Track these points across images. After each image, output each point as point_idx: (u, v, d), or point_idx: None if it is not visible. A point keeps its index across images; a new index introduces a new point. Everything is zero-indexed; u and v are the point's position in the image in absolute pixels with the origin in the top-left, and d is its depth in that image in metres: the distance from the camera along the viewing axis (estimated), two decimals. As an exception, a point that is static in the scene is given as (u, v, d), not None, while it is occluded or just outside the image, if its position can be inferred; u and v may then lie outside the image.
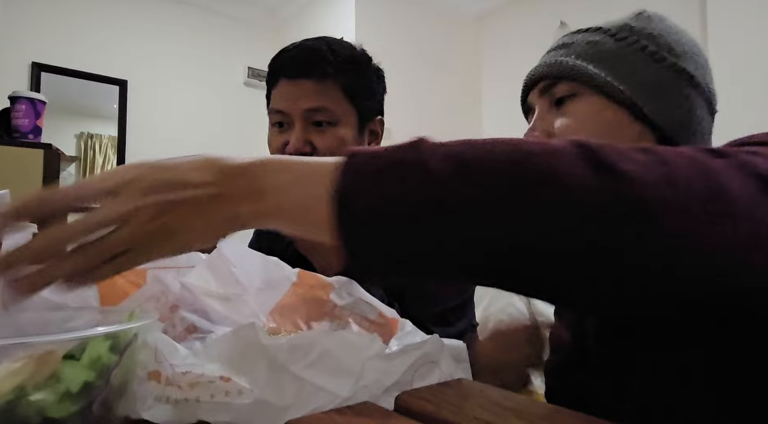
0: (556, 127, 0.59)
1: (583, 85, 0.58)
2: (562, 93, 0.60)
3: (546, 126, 0.61)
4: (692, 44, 0.60)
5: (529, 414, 0.32)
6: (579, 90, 0.59)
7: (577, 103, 0.59)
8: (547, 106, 0.62)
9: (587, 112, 0.58)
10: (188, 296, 0.44)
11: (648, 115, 0.56)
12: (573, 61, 0.59)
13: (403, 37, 3.37)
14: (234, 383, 0.32)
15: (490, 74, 3.77)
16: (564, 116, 0.59)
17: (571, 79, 0.59)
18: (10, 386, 0.24)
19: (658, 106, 0.57)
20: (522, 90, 0.67)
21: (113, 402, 0.28)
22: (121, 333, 0.28)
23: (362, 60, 0.88)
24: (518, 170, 0.30)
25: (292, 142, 0.82)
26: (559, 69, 0.60)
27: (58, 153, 1.64)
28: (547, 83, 0.62)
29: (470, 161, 0.31)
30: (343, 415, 0.31)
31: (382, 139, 0.93)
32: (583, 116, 0.58)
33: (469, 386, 0.38)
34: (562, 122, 0.59)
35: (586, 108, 0.58)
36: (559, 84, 0.60)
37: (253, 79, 3.71)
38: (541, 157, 0.30)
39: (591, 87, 0.58)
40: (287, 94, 0.84)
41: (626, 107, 0.57)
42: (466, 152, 0.31)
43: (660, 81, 0.57)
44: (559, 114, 0.60)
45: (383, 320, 0.48)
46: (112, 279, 0.42)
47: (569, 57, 0.60)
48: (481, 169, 0.30)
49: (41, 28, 3.04)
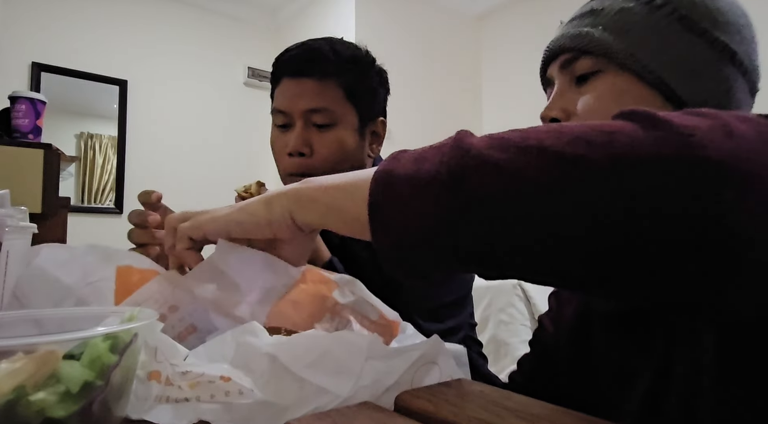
0: (577, 108, 0.54)
1: (608, 61, 0.52)
2: (585, 69, 0.54)
3: (565, 104, 0.55)
4: (740, 14, 0.52)
5: (529, 414, 0.32)
6: (603, 66, 0.53)
7: (600, 81, 0.53)
8: (567, 83, 0.56)
9: (611, 92, 0.52)
10: (187, 296, 0.44)
11: (681, 97, 0.50)
12: (598, 34, 0.53)
13: (403, 37, 3.37)
14: (234, 383, 0.32)
15: (490, 74, 3.77)
16: (586, 95, 0.54)
17: (595, 54, 0.53)
18: (10, 386, 0.24)
19: (693, 87, 0.50)
20: (542, 61, 0.60)
21: (113, 402, 0.28)
22: (121, 333, 0.28)
23: (365, 61, 0.88)
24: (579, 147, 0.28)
25: (291, 143, 0.82)
26: (582, 42, 0.54)
27: (58, 153, 1.64)
28: (568, 57, 0.55)
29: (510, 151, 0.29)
30: (343, 415, 0.31)
31: (384, 139, 0.94)
32: (606, 96, 0.52)
33: (469, 386, 0.38)
34: (584, 102, 0.54)
35: (611, 87, 0.52)
36: (581, 59, 0.54)
37: (253, 79, 3.71)
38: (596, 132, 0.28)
39: (617, 64, 0.52)
40: (289, 92, 0.84)
41: (656, 87, 0.51)
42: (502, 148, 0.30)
43: (697, 58, 0.50)
44: (581, 92, 0.54)
45: (384, 322, 0.48)
46: (131, 273, 0.43)
47: (595, 28, 0.53)
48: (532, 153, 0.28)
49: (41, 28, 3.05)
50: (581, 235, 0.27)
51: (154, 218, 0.63)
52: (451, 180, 0.29)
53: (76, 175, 3.25)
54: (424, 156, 0.32)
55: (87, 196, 3.27)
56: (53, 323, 0.37)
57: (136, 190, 0.70)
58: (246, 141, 3.69)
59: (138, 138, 3.37)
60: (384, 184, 0.32)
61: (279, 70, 0.87)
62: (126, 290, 0.43)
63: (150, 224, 0.63)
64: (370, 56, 0.89)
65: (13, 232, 0.45)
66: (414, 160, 0.32)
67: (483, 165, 0.28)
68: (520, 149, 0.28)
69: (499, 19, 3.72)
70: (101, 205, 3.30)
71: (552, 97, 0.56)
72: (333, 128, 0.83)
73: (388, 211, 0.32)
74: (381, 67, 0.91)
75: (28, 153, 1.57)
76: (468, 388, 0.38)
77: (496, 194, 0.28)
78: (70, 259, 0.43)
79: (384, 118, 0.93)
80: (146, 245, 0.64)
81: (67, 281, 0.42)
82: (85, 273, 0.43)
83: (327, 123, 0.83)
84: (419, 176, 0.31)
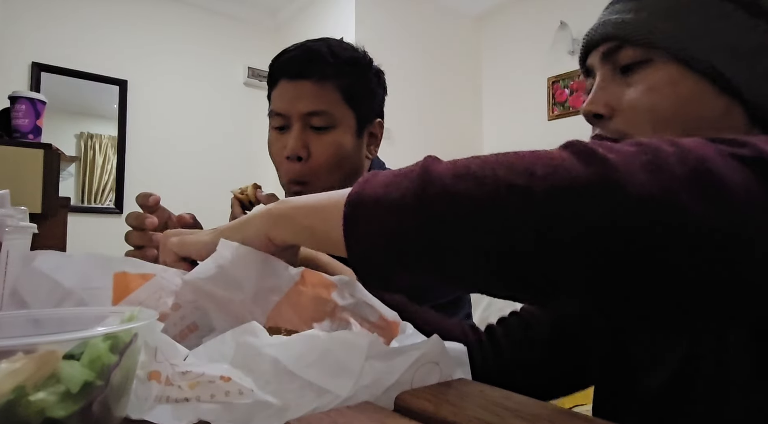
0: (624, 101, 0.50)
1: (656, 51, 0.48)
2: (629, 59, 0.50)
3: (609, 98, 0.51)
4: None
5: (529, 414, 0.32)
6: (650, 56, 0.49)
7: (648, 72, 0.49)
8: (610, 74, 0.52)
9: (661, 84, 0.48)
10: (189, 294, 0.44)
11: (736, 88, 0.46)
12: (644, 21, 0.49)
13: (403, 38, 3.37)
14: (234, 383, 0.32)
15: (490, 74, 3.77)
16: (632, 87, 0.50)
17: (641, 43, 0.49)
18: (9, 386, 0.24)
19: (751, 77, 0.46)
20: (581, 49, 0.56)
21: (113, 402, 0.28)
22: (121, 333, 0.28)
23: (363, 62, 0.87)
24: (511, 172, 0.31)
25: (289, 146, 0.82)
26: (626, 30, 0.49)
27: (58, 153, 1.64)
28: (610, 46, 0.51)
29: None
30: (343, 415, 0.31)
31: (382, 139, 0.94)
32: (655, 89, 0.48)
33: (469, 386, 0.38)
34: (630, 96, 0.50)
35: (660, 78, 0.48)
36: (625, 48, 0.50)
37: (253, 79, 3.71)
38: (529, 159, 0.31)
39: (665, 53, 0.48)
40: (286, 94, 0.84)
41: (710, 78, 0.47)
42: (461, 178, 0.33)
43: (755, 44, 0.46)
44: (626, 84, 0.51)
45: (384, 323, 0.48)
46: (127, 279, 0.44)
47: (640, 13, 0.49)
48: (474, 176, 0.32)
49: (41, 28, 3.05)
50: (527, 250, 0.30)
51: (151, 220, 0.63)
52: (416, 204, 0.32)
53: (76, 175, 3.25)
54: (393, 181, 0.35)
55: (87, 196, 3.27)
56: (53, 323, 0.37)
57: (136, 190, 0.70)
58: (246, 141, 3.69)
59: (138, 138, 3.37)
60: (355, 204, 0.35)
61: (276, 72, 0.87)
62: (123, 297, 0.43)
63: (147, 227, 0.63)
64: (368, 57, 0.89)
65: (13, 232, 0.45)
66: (384, 185, 0.35)
67: (444, 194, 0.32)
68: (478, 179, 0.31)
69: (499, 19, 3.72)
70: (101, 205, 3.30)
71: (594, 91, 0.53)
72: (331, 131, 0.83)
73: (359, 226, 0.35)
74: (379, 68, 0.91)
75: (28, 153, 1.57)
76: (468, 388, 0.38)
77: (453, 217, 0.31)
78: (67, 264, 0.43)
79: (382, 119, 0.93)
80: (143, 247, 0.64)
81: (66, 284, 0.42)
82: (84, 279, 0.43)
83: (325, 126, 0.83)
84: (388, 199, 0.34)
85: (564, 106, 3.30)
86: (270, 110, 0.87)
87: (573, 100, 3.25)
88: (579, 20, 3.14)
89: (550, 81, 3.36)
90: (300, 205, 0.42)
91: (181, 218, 0.70)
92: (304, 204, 0.41)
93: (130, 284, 0.44)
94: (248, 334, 0.37)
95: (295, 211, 0.42)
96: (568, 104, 3.28)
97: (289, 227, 0.42)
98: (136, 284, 0.44)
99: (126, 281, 0.44)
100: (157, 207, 0.66)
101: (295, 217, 0.41)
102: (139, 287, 0.43)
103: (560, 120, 3.32)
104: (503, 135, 3.61)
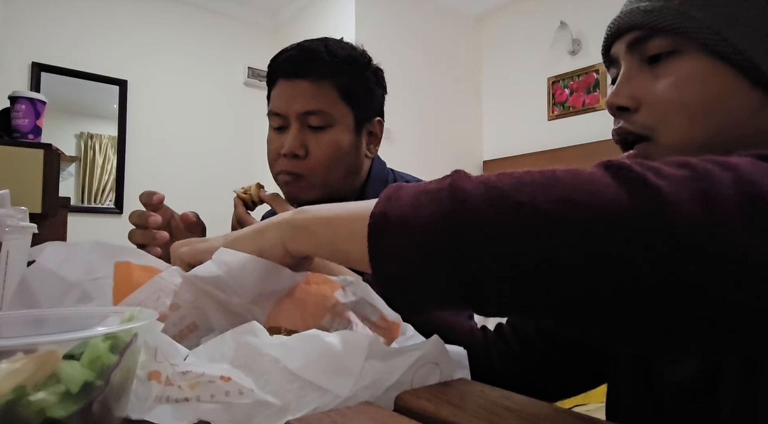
0: (651, 94, 0.48)
1: (687, 41, 0.46)
2: (658, 49, 0.48)
3: (634, 90, 0.49)
4: None
5: (529, 414, 0.32)
6: (681, 46, 0.46)
7: (678, 63, 0.47)
8: (636, 65, 0.50)
9: (691, 76, 0.46)
10: (188, 294, 0.44)
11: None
12: (676, 8, 0.46)
13: (403, 37, 3.37)
14: (234, 383, 0.32)
15: (490, 74, 3.77)
16: (660, 79, 0.48)
17: (672, 32, 0.46)
18: (10, 386, 0.24)
19: None
20: (605, 37, 0.54)
21: (113, 402, 0.28)
22: (121, 333, 0.28)
23: (360, 61, 0.87)
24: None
25: (287, 145, 0.82)
26: (656, 18, 0.47)
27: (58, 153, 1.64)
28: (638, 35, 0.49)
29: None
30: (343, 415, 0.31)
31: (382, 139, 0.94)
32: (685, 81, 0.46)
33: (469, 386, 0.38)
34: (657, 90, 0.48)
35: (690, 70, 0.46)
36: (654, 38, 0.48)
37: (253, 79, 3.71)
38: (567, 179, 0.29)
39: (697, 43, 0.45)
40: (284, 94, 0.84)
41: (744, 71, 0.45)
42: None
43: None
44: (653, 75, 0.48)
45: (385, 324, 0.48)
46: (130, 270, 0.44)
47: (671, 1, 0.47)
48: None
49: (41, 28, 3.05)
50: (561, 281, 0.28)
51: (154, 219, 0.63)
52: (445, 227, 0.31)
53: (76, 175, 3.25)
54: (420, 200, 0.33)
55: (87, 196, 3.27)
56: (53, 323, 0.37)
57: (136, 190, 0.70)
58: (246, 141, 3.69)
59: (138, 138, 3.37)
60: (381, 224, 0.33)
61: (275, 72, 0.87)
62: (124, 286, 0.43)
63: (151, 225, 0.63)
64: (366, 56, 0.89)
65: (13, 232, 0.45)
66: (411, 204, 0.33)
67: (475, 219, 0.30)
68: (512, 205, 0.29)
69: (499, 19, 3.72)
70: (101, 205, 3.30)
71: (618, 82, 0.50)
72: (328, 130, 0.83)
73: (384, 247, 0.33)
74: (377, 67, 0.91)
75: (28, 153, 1.57)
76: (468, 388, 0.38)
77: (484, 244, 0.30)
78: (72, 256, 0.43)
79: (381, 118, 0.93)
80: (147, 245, 0.64)
81: (70, 278, 0.42)
82: (88, 270, 0.43)
83: (322, 125, 0.83)
84: (415, 221, 0.32)
85: (564, 106, 3.30)
86: (269, 110, 0.87)
87: (573, 100, 3.25)
88: (579, 20, 3.14)
89: (550, 81, 3.36)
90: (320, 216, 0.40)
91: (185, 216, 0.70)
92: (324, 215, 0.40)
93: (132, 274, 0.44)
94: (248, 334, 0.37)
95: (314, 223, 0.40)
96: (568, 104, 3.28)
97: (308, 239, 0.40)
98: (137, 275, 0.44)
99: (128, 270, 0.44)
100: (160, 206, 0.66)
101: (314, 230, 0.40)
102: (141, 279, 0.43)
103: (560, 120, 3.31)
104: (503, 135, 3.61)
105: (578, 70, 3.20)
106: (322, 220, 0.39)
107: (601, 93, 3.10)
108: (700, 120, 0.46)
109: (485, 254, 0.29)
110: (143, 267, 0.45)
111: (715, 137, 0.46)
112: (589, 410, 1.76)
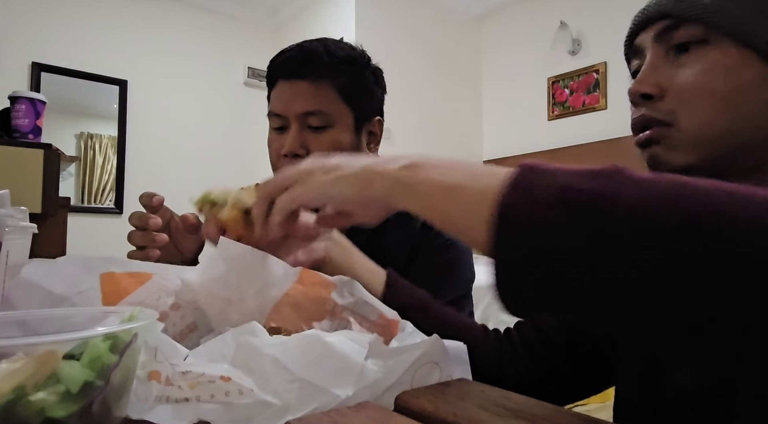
0: (676, 82, 0.47)
1: (716, 30, 0.45)
2: (688, 38, 0.47)
3: (659, 78, 0.48)
4: None
5: (529, 414, 0.32)
6: (710, 36, 0.46)
7: (706, 52, 0.46)
8: (663, 53, 0.49)
9: (718, 65, 0.45)
10: (189, 294, 0.44)
11: None
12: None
13: (403, 37, 3.37)
14: (234, 383, 0.32)
15: (490, 74, 3.77)
16: (686, 67, 0.47)
17: (702, 21, 0.46)
18: (10, 386, 0.24)
19: None
20: (631, 27, 0.53)
21: (113, 402, 0.28)
22: (121, 333, 0.28)
23: (359, 61, 0.88)
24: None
25: (287, 145, 0.82)
26: (687, 7, 0.46)
27: (58, 153, 1.64)
28: (666, 24, 0.48)
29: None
30: (343, 415, 0.31)
31: (382, 138, 0.94)
32: (711, 73, 0.45)
33: (469, 386, 0.38)
34: (683, 78, 0.47)
35: (717, 60, 0.45)
36: (683, 27, 0.47)
37: (253, 79, 3.71)
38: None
39: (726, 33, 0.45)
40: (284, 95, 0.84)
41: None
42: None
43: None
44: (678, 64, 0.48)
45: (384, 321, 0.48)
46: (115, 279, 0.43)
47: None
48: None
49: (41, 28, 3.05)
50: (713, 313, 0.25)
51: (155, 221, 0.63)
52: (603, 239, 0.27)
53: (76, 175, 3.25)
54: (572, 187, 0.29)
55: (87, 196, 3.27)
56: (52, 324, 0.37)
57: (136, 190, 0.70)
58: (246, 141, 3.69)
59: (138, 138, 3.37)
60: (509, 215, 0.29)
61: (274, 73, 0.87)
62: (114, 295, 0.43)
63: (150, 227, 0.63)
64: (366, 56, 0.89)
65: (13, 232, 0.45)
66: (560, 188, 0.29)
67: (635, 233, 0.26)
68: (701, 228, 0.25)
69: (499, 19, 3.72)
70: (101, 205, 3.30)
71: (644, 69, 0.50)
72: (328, 130, 0.83)
73: (510, 242, 0.29)
74: (377, 67, 0.91)
75: (28, 153, 1.57)
76: (468, 388, 0.38)
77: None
78: (53, 271, 0.43)
79: (381, 117, 0.93)
80: (146, 247, 0.64)
81: (57, 291, 0.42)
82: (73, 283, 0.42)
83: (322, 125, 0.83)
84: (548, 221, 0.28)
85: (564, 106, 3.30)
86: (269, 111, 0.87)
87: (573, 100, 3.25)
88: (579, 20, 3.14)
89: (550, 81, 3.36)
90: (435, 181, 0.36)
91: (185, 218, 0.70)
92: (440, 182, 0.35)
93: (120, 283, 0.43)
94: (248, 334, 0.37)
95: (429, 186, 0.36)
96: (568, 104, 3.28)
97: (417, 202, 0.37)
98: (126, 283, 0.43)
99: (114, 280, 0.44)
100: (160, 207, 0.66)
101: (427, 195, 0.36)
102: (130, 285, 0.43)
103: (560, 120, 3.32)
104: (503, 135, 3.61)
105: (578, 70, 3.20)
106: (439, 186, 0.35)
107: (601, 93, 3.11)
108: (725, 108, 0.46)
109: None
110: (129, 274, 0.44)
111: (737, 126, 0.46)
112: (589, 410, 1.76)
